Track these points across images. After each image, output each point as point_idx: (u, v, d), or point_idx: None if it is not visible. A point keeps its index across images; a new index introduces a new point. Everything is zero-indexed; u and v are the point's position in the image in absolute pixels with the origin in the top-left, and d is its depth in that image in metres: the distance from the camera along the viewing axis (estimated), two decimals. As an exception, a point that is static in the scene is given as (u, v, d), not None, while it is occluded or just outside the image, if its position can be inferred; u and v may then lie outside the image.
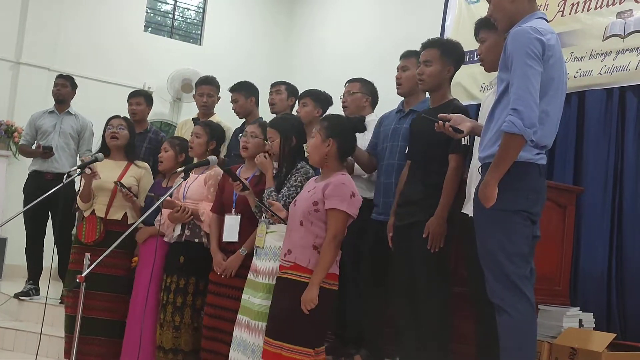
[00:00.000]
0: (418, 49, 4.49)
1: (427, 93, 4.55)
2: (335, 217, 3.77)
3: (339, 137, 3.93)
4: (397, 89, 4.78)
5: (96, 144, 6.65)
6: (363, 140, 5.00)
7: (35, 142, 6.94)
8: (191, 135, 5.08)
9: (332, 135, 3.91)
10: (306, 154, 4.24)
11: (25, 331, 6.07)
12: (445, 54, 4.31)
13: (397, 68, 4.77)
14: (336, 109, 5.47)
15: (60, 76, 7.12)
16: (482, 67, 4.13)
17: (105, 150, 5.38)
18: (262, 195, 4.31)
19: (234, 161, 5.43)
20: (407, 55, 4.74)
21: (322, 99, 5.44)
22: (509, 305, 3.19)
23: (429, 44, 4.37)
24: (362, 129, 4.20)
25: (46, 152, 6.68)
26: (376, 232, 4.59)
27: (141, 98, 6.59)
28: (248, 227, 4.43)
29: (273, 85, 6.01)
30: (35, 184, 6.59)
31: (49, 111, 7.00)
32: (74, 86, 7.06)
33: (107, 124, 5.47)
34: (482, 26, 3.96)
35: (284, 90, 5.89)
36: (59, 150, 6.77)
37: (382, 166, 4.69)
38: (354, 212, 3.82)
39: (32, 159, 6.93)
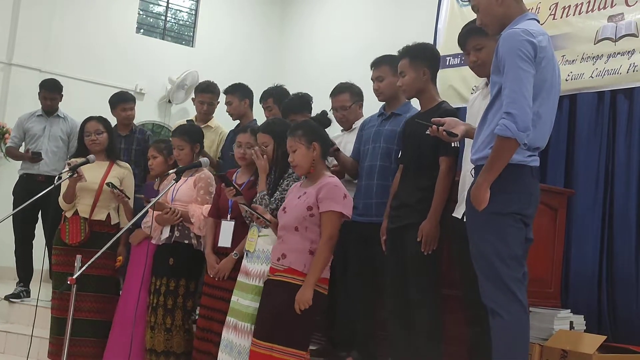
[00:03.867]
0: (385, 54, 4.72)
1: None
2: (330, 218, 3.81)
3: (319, 139, 4.00)
4: (378, 97, 4.85)
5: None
6: (350, 145, 5.01)
7: (24, 144, 6.88)
8: (174, 149, 5.03)
9: (314, 138, 3.97)
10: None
11: (16, 333, 6.04)
12: (415, 59, 4.32)
13: (372, 79, 4.82)
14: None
15: (44, 87, 6.93)
16: (475, 72, 4.12)
17: (83, 152, 5.34)
18: (252, 201, 4.34)
19: (229, 163, 5.43)
20: (378, 64, 4.79)
21: (301, 106, 5.38)
22: (501, 308, 3.19)
23: (400, 56, 4.42)
24: (328, 122, 4.29)
25: (34, 158, 6.64)
26: (358, 234, 4.59)
27: (133, 103, 6.53)
28: (242, 232, 4.43)
29: (261, 100, 5.98)
30: (26, 186, 6.54)
31: (37, 114, 6.91)
32: (60, 91, 6.93)
33: (82, 128, 5.45)
34: (473, 33, 3.93)
35: (273, 103, 5.85)
36: (49, 153, 6.71)
37: (363, 168, 4.71)
38: (348, 213, 3.88)
39: (21, 161, 6.88)
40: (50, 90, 6.89)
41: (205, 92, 6.39)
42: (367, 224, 4.54)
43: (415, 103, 4.62)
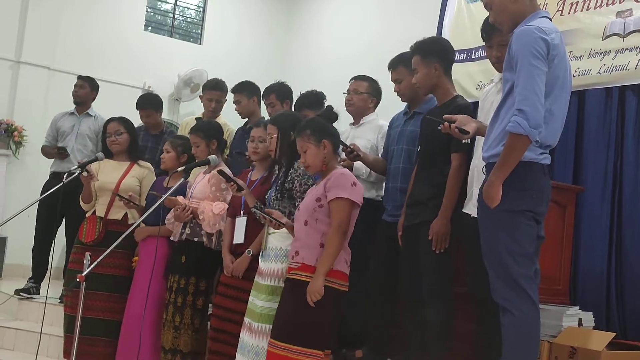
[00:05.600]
0: (401, 53, 4.70)
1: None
2: (339, 206, 3.73)
3: (328, 135, 3.92)
4: (401, 99, 4.83)
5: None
6: (364, 141, 5.01)
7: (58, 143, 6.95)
8: (192, 146, 5.05)
9: (322, 136, 3.89)
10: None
11: (26, 330, 6.07)
12: (425, 55, 4.31)
13: (392, 81, 4.81)
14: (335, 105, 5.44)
15: (80, 77, 7.09)
16: (496, 68, 4.11)
17: (107, 152, 5.39)
18: (264, 197, 4.33)
19: (237, 160, 5.44)
20: (395, 66, 4.76)
21: (317, 103, 5.45)
22: (512, 305, 3.19)
23: (412, 53, 4.39)
24: (334, 116, 4.14)
25: (61, 153, 6.69)
26: (385, 233, 4.60)
27: (149, 110, 6.48)
28: (255, 229, 4.41)
29: (264, 96, 5.99)
30: (52, 184, 6.55)
31: (69, 112, 6.98)
32: (94, 87, 7.01)
33: (104, 129, 5.51)
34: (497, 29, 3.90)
35: (275, 99, 5.85)
36: (75, 151, 6.75)
37: (390, 170, 4.71)
38: (357, 199, 3.78)
39: (53, 160, 6.92)
40: (81, 77, 7.01)
41: (215, 90, 6.38)
42: (394, 224, 4.54)
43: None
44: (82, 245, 5.22)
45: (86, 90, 6.94)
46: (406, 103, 4.86)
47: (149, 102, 6.56)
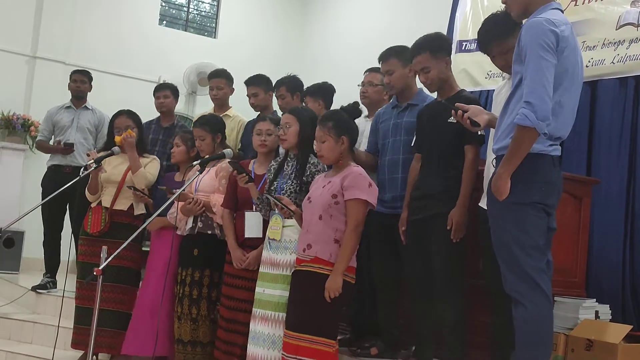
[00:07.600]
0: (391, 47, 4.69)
1: (419, 85, 4.56)
2: (356, 206, 3.83)
3: (348, 132, 4.00)
4: (390, 91, 4.86)
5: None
6: (363, 138, 5.00)
7: (53, 137, 6.98)
8: (196, 140, 5.07)
9: (343, 132, 3.97)
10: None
11: (43, 324, 6.13)
12: (435, 51, 4.26)
13: (382, 72, 4.78)
14: (349, 98, 5.44)
15: (77, 72, 7.10)
16: (506, 72, 4.09)
17: (111, 145, 5.39)
18: (271, 189, 4.33)
19: (248, 155, 5.44)
20: (386, 58, 4.71)
21: (320, 93, 5.46)
22: (524, 298, 3.18)
23: (417, 51, 4.31)
24: (359, 113, 4.25)
25: (67, 149, 6.71)
26: (386, 225, 4.57)
27: (168, 91, 6.48)
28: (266, 223, 4.41)
29: (275, 88, 5.97)
30: (54, 177, 6.62)
31: (65, 106, 7.01)
32: (91, 81, 7.06)
33: (112, 123, 5.52)
34: (493, 38, 3.90)
35: (286, 92, 5.83)
36: (77, 145, 6.78)
37: (385, 161, 4.66)
38: (373, 201, 3.89)
39: (50, 153, 6.96)
40: (80, 72, 7.03)
41: (214, 78, 6.41)
42: (394, 216, 4.51)
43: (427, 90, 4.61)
44: (88, 236, 5.26)
45: (86, 85, 6.99)
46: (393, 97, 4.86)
47: (168, 86, 6.57)
